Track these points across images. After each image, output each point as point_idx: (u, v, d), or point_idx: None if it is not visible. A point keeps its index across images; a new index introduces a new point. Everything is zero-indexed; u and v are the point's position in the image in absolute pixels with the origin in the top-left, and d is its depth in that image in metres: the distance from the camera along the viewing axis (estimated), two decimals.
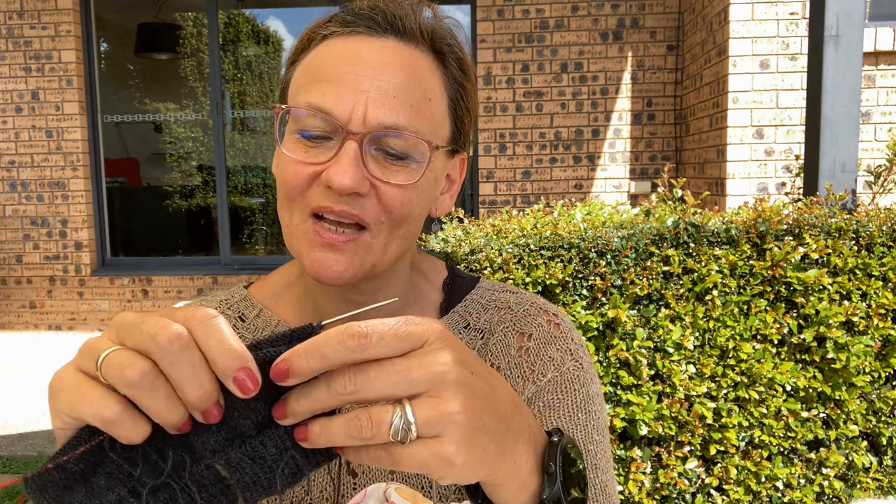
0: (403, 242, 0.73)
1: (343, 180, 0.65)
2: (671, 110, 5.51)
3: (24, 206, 5.87)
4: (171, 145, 7.06)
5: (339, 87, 0.67)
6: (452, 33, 0.75)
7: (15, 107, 5.77)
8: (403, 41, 0.71)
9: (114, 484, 0.43)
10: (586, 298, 2.45)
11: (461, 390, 0.45)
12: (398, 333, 0.44)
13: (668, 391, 2.47)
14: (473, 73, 0.78)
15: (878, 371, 2.56)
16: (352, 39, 0.70)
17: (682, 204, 2.81)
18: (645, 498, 2.49)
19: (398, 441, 0.43)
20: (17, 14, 5.70)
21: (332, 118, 0.67)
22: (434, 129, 0.71)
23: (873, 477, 2.67)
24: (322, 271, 0.69)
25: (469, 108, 0.77)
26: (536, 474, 0.52)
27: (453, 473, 0.45)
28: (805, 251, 2.48)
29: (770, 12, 4.37)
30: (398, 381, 0.43)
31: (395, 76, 0.68)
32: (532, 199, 5.61)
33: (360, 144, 0.67)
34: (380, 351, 0.43)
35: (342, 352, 0.43)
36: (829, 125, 3.01)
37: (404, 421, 0.43)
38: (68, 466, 0.43)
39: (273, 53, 7.05)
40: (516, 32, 5.51)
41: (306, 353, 0.43)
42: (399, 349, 0.44)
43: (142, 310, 5.88)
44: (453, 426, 0.44)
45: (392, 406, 0.43)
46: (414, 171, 0.69)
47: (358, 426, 0.43)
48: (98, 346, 0.44)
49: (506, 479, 0.50)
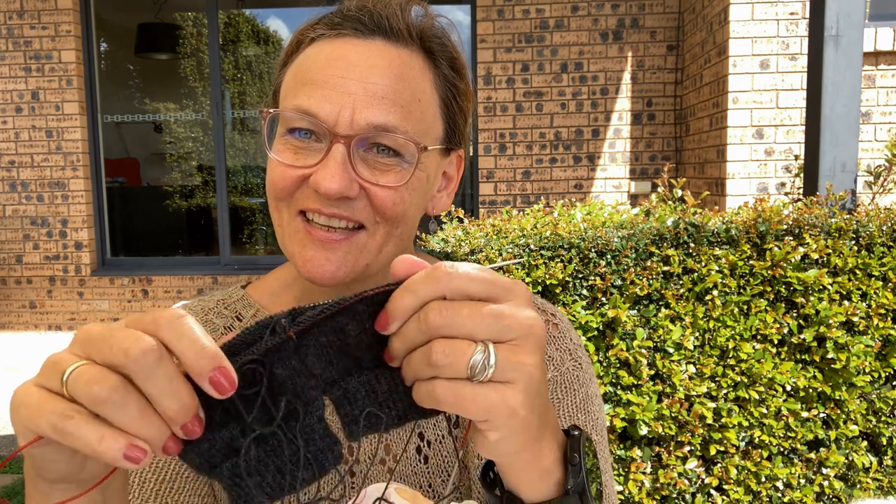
0: (400, 242, 0.73)
1: (331, 185, 0.65)
2: (671, 110, 5.50)
3: (24, 206, 5.87)
4: (171, 145, 7.05)
5: (325, 90, 0.67)
6: (444, 32, 0.75)
7: (15, 107, 5.77)
8: (391, 42, 0.70)
9: (228, 420, 0.44)
10: (586, 298, 2.44)
11: (539, 350, 0.46)
12: (485, 275, 0.45)
13: (668, 391, 2.47)
14: (467, 71, 0.77)
15: (878, 371, 2.56)
16: (339, 42, 0.70)
17: (682, 204, 2.81)
18: (645, 498, 2.49)
19: (470, 378, 0.44)
20: (17, 14, 5.70)
21: (319, 121, 0.67)
22: (425, 130, 0.71)
23: (873, 477, 2.67)
24: (314, 270, 0.69)
25: (462, 106, 0.77)
26: (559, 465, 0.53)
27: (510, 427, 0.45)
28: (805, 251, 2.48)
29: (770, 12, 4.37)
30: (488, 323, 0.44)
31: (383, 77, 0.68)
32: (532, 199, 5.61)
33: (348, 147, 0.66)
34: (467, 285, 0.44)
35: (429, 283, 0.44)
36: (829, 125, 3.01)
37: (485, 356, 0.43)
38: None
39: (273, 53, 7.05)
40: (516, 32, 5.51)
41: (399, 294, 0.45)
42: (486, 292, 0.45)
43: (141, 310, 5.89)
44: (527, 377, 0.45)
45: (474, 343, 0.44)
46: (404, 170, 0.69)
47: (437, 351, 0.43)
48: (63, 361, 0.42)
49: (530, 464, 0.51)
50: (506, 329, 0.44)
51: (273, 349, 0.44)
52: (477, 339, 0.44)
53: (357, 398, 0.47)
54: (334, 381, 0.47)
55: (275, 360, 0.44)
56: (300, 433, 0.45)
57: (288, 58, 0.75)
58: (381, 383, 0.48)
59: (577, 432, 0.55)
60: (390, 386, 0.48)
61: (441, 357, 0.43)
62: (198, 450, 0.44)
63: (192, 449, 0.43)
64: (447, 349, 0.43)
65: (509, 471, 0.52)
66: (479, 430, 0.47)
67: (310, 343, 0.45)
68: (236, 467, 0.44)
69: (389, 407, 0.48)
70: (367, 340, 0.47)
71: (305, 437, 0.46)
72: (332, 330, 0.46)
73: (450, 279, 0.44)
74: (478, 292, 0.45)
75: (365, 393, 0.47)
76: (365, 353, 0.47)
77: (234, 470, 0.44)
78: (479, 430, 0.47)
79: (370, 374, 0.48)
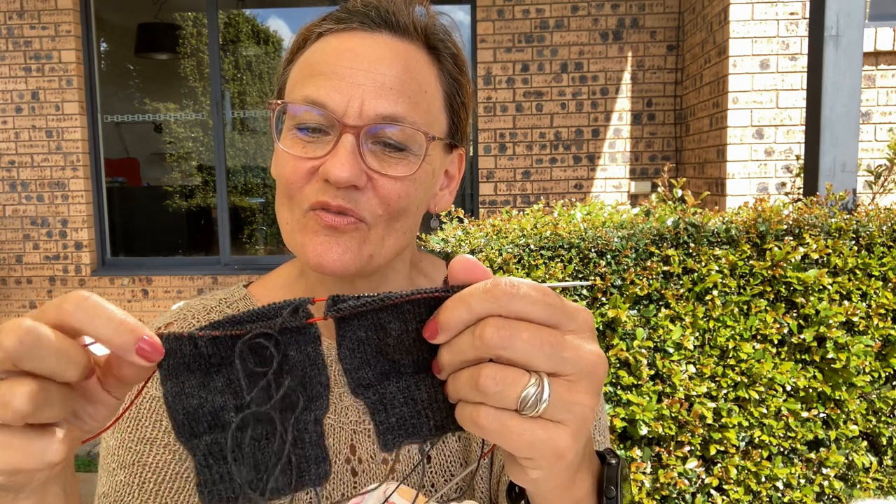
0: (401, 237, 0.73)
1: (341, 173, 0.65)
2: (671, 110, 5.51)
3: (24, 206, 5.87)
4: (171, 145, 7.05)
5: (334, 81, 0.67)
6: (446, 30, 0.76)
7: (15, 107, 5.77)
8: (397, 36, 0.71)
9: (226, 390, 0.41)
10: (586, 298, 2.45)
11: (597, 391, 0.43)
12: (548, 299, 0.41)
13: (668, 391, 2.47)
14: (468, 69, 0.78)
15: (878, 371, 2.56)
16: (346, 35, 0.70)
17: (682, 204, 2.81)
18: (645, 498, 2.49)
19: (519, 411, 0.41)
20: (17, 14, 5.70)
21: (329, 111, 0.67)
22: (431, 122, 0.71)
23: (873, 477, 2.67)
24: (323, 256, 0.68)
25: (465, 103, 0.77)
26: (593, 496, 0.51)
27: (554, 468, 0.43)
28: (805, 251, 2.48)
29: (770, 12, 4.37)
30: (547, 352, 0.40)
31: (391, 68, 0.68)
32: (532, 199, 5.61)
33: (357, 137, 0.67)
34: (529, 308, 0.41)
35: (487, 300, 0.40)
36: (829, 125, 3.01)
37: (538, 391, 0.40)
38: (200, 345, 0.41)
39: (273, 53, 7.05)
40: (516, 32, 5.51)
41: (452, 304, 0.41)
42: (546, 316, 0.41)
43: (141, 310, 5.89)
44: (581, 420, 0.42)
45: (528, 373, 0.41)
46: (412, 163, 0.69)
47: (487, 376, 0.40)
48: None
49: (563, 496, 0.49)
50: (565, 362, 0.41)
51: (291, 330, 0.41)
52: (531, 369, 0.41)
53: (394, 405, 0.44)
54: (370, 385, 0.44)
55: (290, 342, 0.42)
56: (292, 427, 0.42)
57: (294, 54, 0.75)
58: (421, 391, 0.45)
59: (616, 461, 0.53)
60: (430, 395, 0.45)
61: (491, 384, 0.40)
62: (185, 399, 0.41)
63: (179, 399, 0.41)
64: (498, 376, 0.40)
65: (539, 500, 0.50)
66: (519, 465, 0.44)
67: (346, 335, 0.43)
68: (215, 444, 0.42)
69: (428, 417, 0.45)
70: (409, 344, 0.44)
71: (296, 435, 0.43)
72: (374, 326, 0.43)
73: (510, 300, 0.40)
74: (539, 318, 0.41)
75: (403, 400, 0.44)
76: (405, 357, 0.44)
77: (212, 448, 0.42)
78: (518, 464, 0.44)
79: (409, 380, 0.45)
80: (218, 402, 0.41)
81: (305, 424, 0.43)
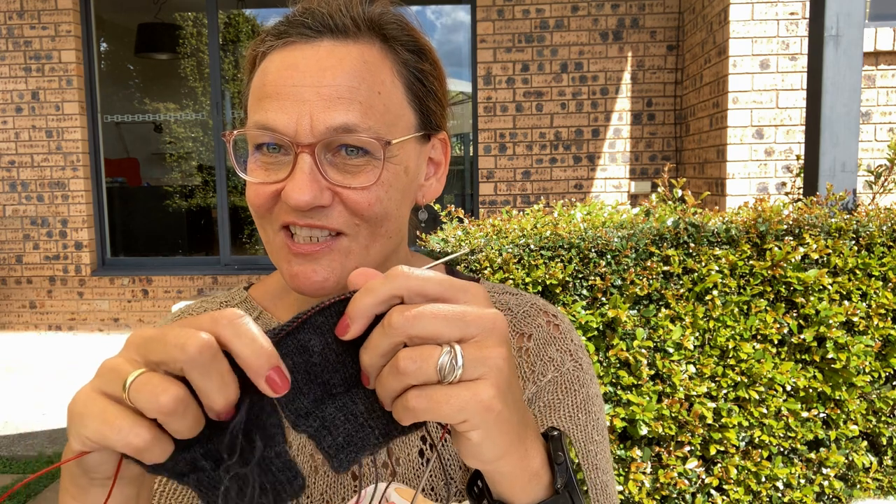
0: (387, 241, 0.72)
1: (300, 197, 0.64)
2: (671, 110, 5.51)
3: (24, 206, 5.87)
4: (171, 145, 7.05)
5: (280, 101, 0.66)
6: (398, 16, 0.73)
7: (15, 107, 5.77)
8: (339, 39, 0.69)
9: (191, 441, 0.43)
10: (586, 298, 2.45)
11: (503, 342, 0.46)
12: (442, 277, 0.46)
13: (668, 391, 2.47)
14: (432, 52, 0.75)
15: (878, 371, 2.56)
16: (287, 51, 0.69)
17: (682, 204, 2.81)
18: (645, 498, 2.49)
19: (441, 380, 0.44)
20: (17, 14, 5.70)
21: (280, 133, 0.66)
22: (391, 122, 0.69)
23: (873, 477, 2.67)
24: (301, 283, 0.68)
25: (433, 89, 0.75)
26: (546, 467, 0.54)
27: (488, 423, 0.45)
28: (805, 251, 2.48)
29: (770, 12, 4.37)
30: (451, 322, 0.44)
31: (336, 78, 0.66)
32: (532, 199, 5.61)
33: (313, 155, 0.65)
34: (423, 285, 0.45)
35: (386, 282, 0.45)
36: (829, 125, 3.01)
37: (452, 356, 0.44)
38: None
39: None
40: (516, 32, 5.51)
41: (357, 296, 0.45)
42: (443, 292, 0.46)
43: (141, 310, 5.89)
44: (496, 370, 0.45)
45: (440, 346, 0.44)
46: (376, 167, 0.67)
47: (404, 358, 0.44)
48: (121, 368, 0.43)
49: (518, 468, 0.51)
50: (469, 326, 0.45)
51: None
52: (442, 342, 0.44)
53: (336, 424, 0.46)
54: (308, 413, 0.45)
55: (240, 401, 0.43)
56: (255, 472, 0.44)
57: (249, 76, 0.74)
58: (358, 404, 0.46)
59: (557, 433, 0.56)
60: (367, 406, 0.46)
61: (409, 363, 0.43)
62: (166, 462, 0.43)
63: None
64: (414, 354, 0.44)
65: (499, 478, 0.52)
66: (461, 435, 0.47)
67: None
68: (200, 482, 0.44)
69: (371, 427, 0.46)
70: (334, 359, 0.46)
71: (262, 474, 0.44)
72: (297, 349, 0.45)
73: (406, 278, 0.45)
74: (435, 292, 0.45)
75: (344, 418, 0.46)
76: (334, 376, 0.46)
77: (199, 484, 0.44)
78: (461, 436, 0.47)
79: (345, 398, 0.46)
80: (187, 456, 0.44)
81: (269, 461, 0.45)
